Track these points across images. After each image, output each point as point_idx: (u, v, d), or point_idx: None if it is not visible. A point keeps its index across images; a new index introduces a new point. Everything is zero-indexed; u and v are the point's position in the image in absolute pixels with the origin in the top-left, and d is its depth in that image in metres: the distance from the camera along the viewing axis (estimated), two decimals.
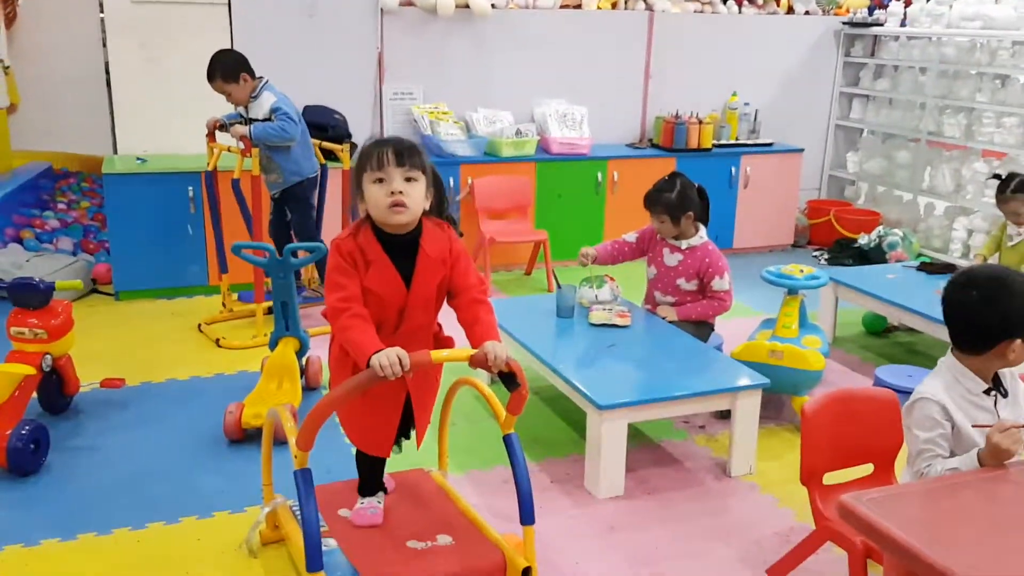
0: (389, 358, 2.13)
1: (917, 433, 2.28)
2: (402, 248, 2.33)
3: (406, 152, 2.27)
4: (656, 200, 3.91)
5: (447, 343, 2.52)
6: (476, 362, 2.25)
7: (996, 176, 4.65)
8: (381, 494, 2.70)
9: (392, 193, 2.25)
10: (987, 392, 2.31)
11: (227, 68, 4.44)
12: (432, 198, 2.38)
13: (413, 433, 2.61)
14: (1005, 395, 2.34)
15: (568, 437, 3.64)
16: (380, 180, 2.26)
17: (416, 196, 2.28)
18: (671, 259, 3.94)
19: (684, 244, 3.91)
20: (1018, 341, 2.23)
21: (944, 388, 2.30)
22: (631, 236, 4.09)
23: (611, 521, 3.04)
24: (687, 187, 3.89)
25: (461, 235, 2.50)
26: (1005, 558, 1.72)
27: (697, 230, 3.94)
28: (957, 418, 2.27)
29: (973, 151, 6.26)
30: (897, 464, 2.62)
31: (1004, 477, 2.04)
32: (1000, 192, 4.48)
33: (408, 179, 2.27)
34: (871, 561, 2.41)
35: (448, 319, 2.50)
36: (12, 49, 5.84)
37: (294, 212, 4.76)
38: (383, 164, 2.25)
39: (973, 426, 2.25)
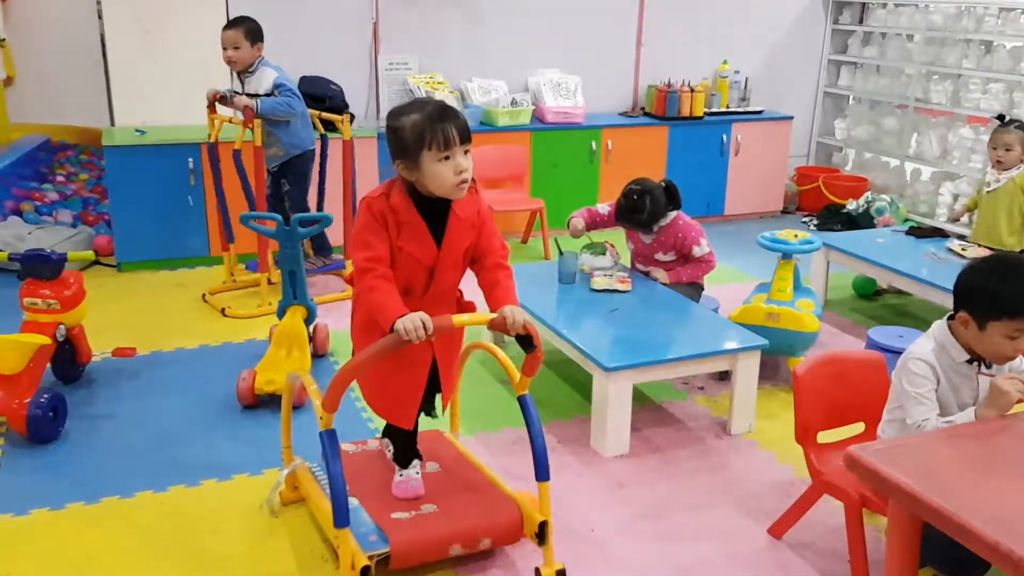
0: (413, 322, 2.20)
1: (907, 388, 2.40)
2: (434, 210, 2.37)
3: (467, 128, 2.30)
4: (628, 219, 3.98)
5: (468, 307, 2.59)
6: (495, 325, 2.34)
7: (999, 117, 4.68)
8: (417, 462, 2.74)
9: (459, 172, 2.29)
10: (969, 362, 2.41)
11: (253, 28, 4.52)
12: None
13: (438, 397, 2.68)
14: (989, 367, 2.43)
15: (573, 400, 3.75)
16: (446, 158, 2.28)
17: (472, 168, 2.33)
18: (646, 237, 4.06)
19: (655, 226, 4.00)
20: (1021, 331, 2.27)
21: (932, 351, 2.41)
22: (604, 208, 4.15)
23: (618, 478, 3.16)
24: (656, 199, 3.91)
25: None
26: (1005, 500, 1.83)
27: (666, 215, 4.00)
28: (941, 380, 2.39)
29: (959, 117, 6.37)
30: None
31: (1002, 428, 2.16)
32: (999, 126, 4.46)
33: (466, 152, 2.32)
34: (866, 511, 2.55)
35: (467, 284, 2.57)
36: (8, 22, 5.81)
37: (292, 185, 4.80)
38: (450, 143, 2.27)
39: (978, 374, 2.36)
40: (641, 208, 3.91)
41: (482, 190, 2.50)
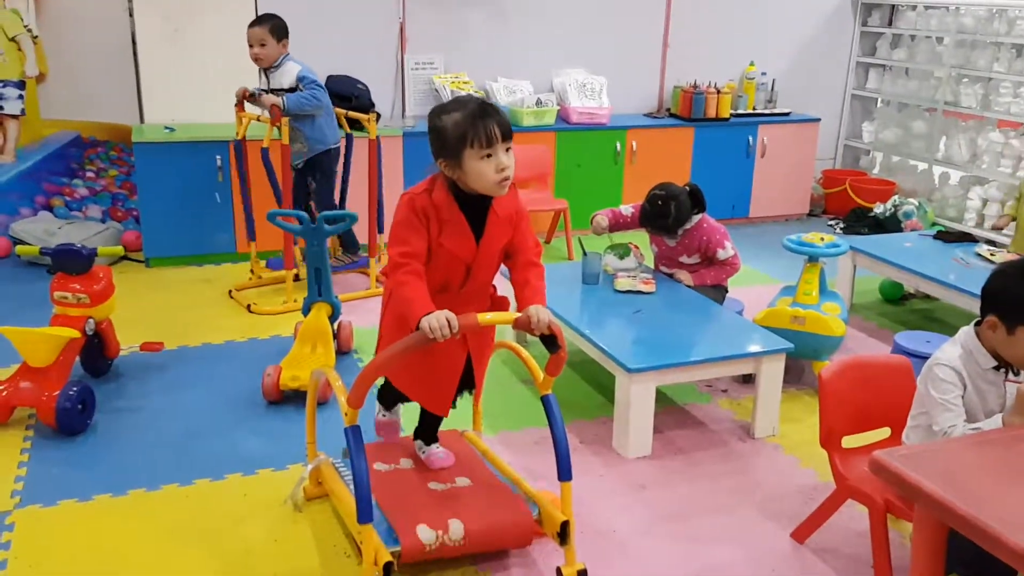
0: (439, 320, 2.21)
1: (934, 394, 2.36)
2: (475, 208, 2.38)
3: (508, 126, 2.30)
4: (652, 224, 3.99)
5: (502, 303, 2.59)
6: (520, 325, 2.34)
7: None
8: (399, 408, 2.89)
9: (501, 169, 2.30)
10: (996, 369, 2.38)
11: (279, 25, 4.56)
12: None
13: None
14: (1017, 373, 2.41)
15: (595, 401, 3.75)
16: (488, 156, 2.29)
17: (513, 165, 2.34)
18: (670, 240, 4.03)
19: (679, 229, 3.98)
20: None
21: (960, 357, 2.39)
22: (627, 210, 4.14)
23: (640, 479, 3.15)
24: (680, 205, 3.89)
25: None
26: None
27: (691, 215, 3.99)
28: (968, 387, 2.36)
29: (989, 121, 6.30)
30: None
31: None
32: None
33: (507, 150, 2.32)
34: (891, 517, 2.53)
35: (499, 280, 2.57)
36: (41, 20, 5.90)
37: (316, 182, 4.83)
38: (492, 141, 2.27)
39: (1006, 380, 2.33)
40: (666, 214, 3.89)
41: None
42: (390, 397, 2.91)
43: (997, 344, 2.34)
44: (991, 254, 4.41)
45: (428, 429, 2.88)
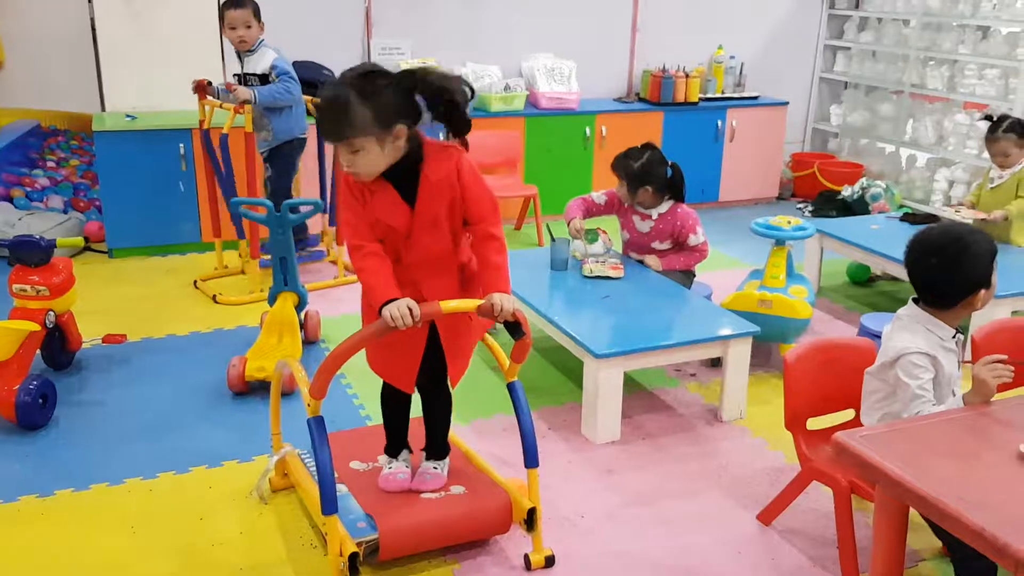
0: (400, 309, 2.20)
1: (908, 382, 2.34)
2: (404, 174, 2.29)
3: (339, 126, 2.18)
4: (620, 165, 3.98)
5: (474, 278, 2.48)
6: (483, 312, 2.32)
7: (987, 117, 4.65)
8: (407, 453, 2.71)
9: (348, 166, 2.24)
10: (952, 336, 2.42)
11: (258, 7, 4.49)
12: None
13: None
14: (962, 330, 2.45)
15: (564, 386, 3.75)
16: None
17: (365, 162, 2.22)
18: (643, 226, 4.02)
19: (654, 213, 3.98)
20: (982, 291, 2.35)
21: (923, 339, 2.38)
22: (600, 198, 4.12)
23: (609, 464, 3.15)
24: (655, 162, 3.92)
25: None
26: (991, 486, 1.83)
27: (660, 200, 3.99)
28: (941, 364, 2.38)
29: (955, 103, 6.34)
30: None
31: (988, 414, 2.15)
32: (991, 132, 4.43)
33: (352, 151, 2.20)
34: (855, 497, 2.55)
35: None
36: None
37: (275, 170, 4.74)
38: (330, 142, 2.25)
39: (962, 362, 2.35)
40: (638, 157, 3.90)
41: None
42: (392, 439, 2.74)
43: (945, 315, 2.40)
44: (955, 211, 4.48)
45: (394, 433, 2.75)
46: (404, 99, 2.23)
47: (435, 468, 2.69)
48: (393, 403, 2.68)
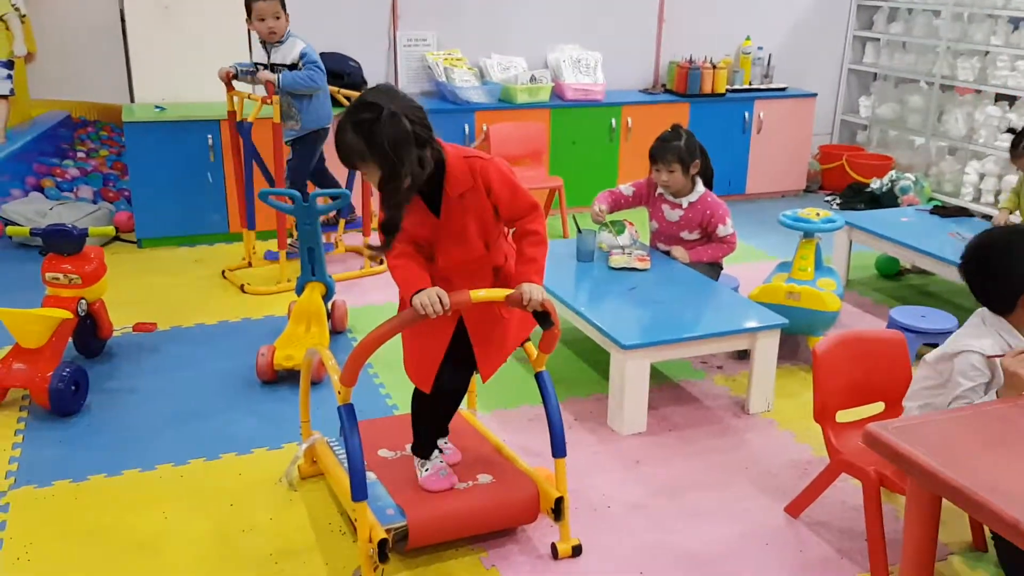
0: (429, 297, 2.22)
1: (962, 380, 2.33)
2: (434, 188, 2.32)
3: (347, 154, 2.23)
4: (666, 150, 3.90)
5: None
6: (512, 301, 2.33)
7: (1011, 130, 4.58)
8: (438, 452, 2.69)
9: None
10: None
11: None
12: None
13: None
14: None
15: (590, 377, 3.75)
16: None
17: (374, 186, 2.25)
18: (672, 215, 3.99)
19: (684, 201, 3.96)
20: None
21: (990, 342, 2.35)
22: (627, 190, 4.10)
23: (635, 455, 3.15)
24: (692, 136, 3.93)
25: None
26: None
27: (695, 184, 3.97)
28: (998, 368, 2.31)
29: (986, 95, 6.26)
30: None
31: (1022, 406, 2.13)
32: (1014, 147, 4.34)
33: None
34: (884, 490, 2.53)
35: None
36: None
37: (298, 157, 4.76)
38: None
39: (987, 357, 2.32)
40: (677, 137, 3.89)
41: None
42: (423, 439, 2.71)
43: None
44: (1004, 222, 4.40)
45: (426, 438, 2.72)
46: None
47: (447, 443, 2.77)
48: (429, 406, 2.64)
